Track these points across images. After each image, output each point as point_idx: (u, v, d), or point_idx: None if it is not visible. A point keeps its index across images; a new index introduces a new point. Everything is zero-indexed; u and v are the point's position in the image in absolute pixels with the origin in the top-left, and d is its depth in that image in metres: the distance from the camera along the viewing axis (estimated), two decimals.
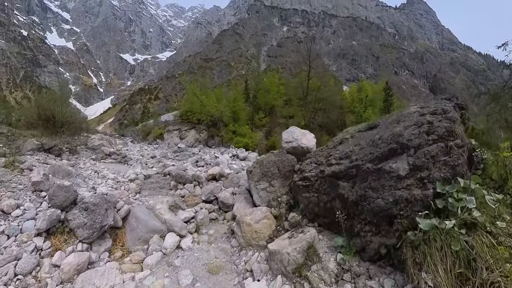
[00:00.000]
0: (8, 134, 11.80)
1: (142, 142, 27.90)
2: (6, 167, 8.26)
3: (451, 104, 3.76)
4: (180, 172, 6.90)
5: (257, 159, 5.53)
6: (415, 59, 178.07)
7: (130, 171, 8.32)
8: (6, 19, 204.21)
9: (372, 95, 33.26)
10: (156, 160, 11.52)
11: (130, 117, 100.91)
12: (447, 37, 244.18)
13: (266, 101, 30.37)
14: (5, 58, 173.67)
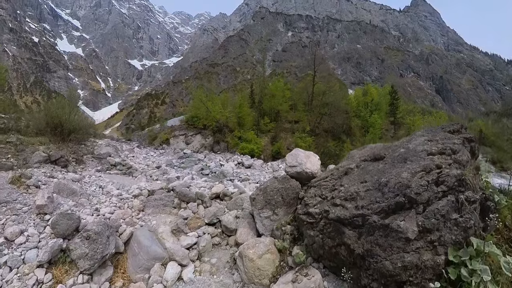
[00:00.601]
0: (16, 143, 11.83)
1: (149, 147, 27.94)
2: (12, 183, 8.30)
3: (459, 140, 3.53)
4: (184, 189, 6.74)
5: (260, 186, 5.30)
6: (421, 61, 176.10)
7: (134, 186, 8.21)
8: (18, 27, 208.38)
9: (377, 99, 32.87)
10: (161, 171, 11.39)
11: (137, 121, 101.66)
12: (453, 38, 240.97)
13: (271, 106, 30.20)
14: (16, 64, 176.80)
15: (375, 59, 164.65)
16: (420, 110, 62.18)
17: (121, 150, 18.64)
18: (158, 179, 9.98)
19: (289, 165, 5.09)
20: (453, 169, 3.03)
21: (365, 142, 23.95)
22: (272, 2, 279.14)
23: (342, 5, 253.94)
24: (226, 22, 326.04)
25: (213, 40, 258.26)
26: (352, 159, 4.51)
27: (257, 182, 11.23)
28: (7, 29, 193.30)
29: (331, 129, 27.00)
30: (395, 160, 3.60)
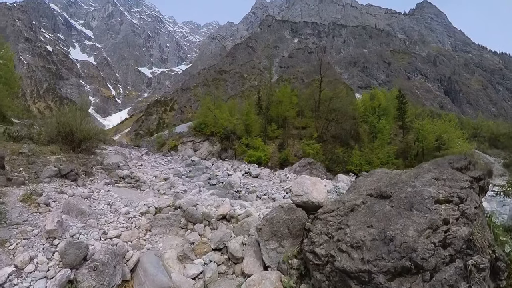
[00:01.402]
0: (28, 154, 11.98)
1: (157, 154, 28.05)
2: (23, 201, 8.37)
3: (467, 183, 3.33)
4: (191, 209, 6.61)
5: (266, 215, 5.09)
6: (428, 63, 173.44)
7: (141, 202, 8.13)
8: (33, 36, 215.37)
9: (385, 104, 32.29)
10: (169, 184, 11.27)
11: (145, 127, 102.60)
12: (460, 39, 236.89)
13: (278, 113, 30.03)
14: (30, 71, 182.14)
15: (382, 63, 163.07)
16: (429, 112, 60.92)
17: (129, 159, 18.71)
18: (165, 193, 9.89)
19: (295, 194, 4.91)
20: (460, 226, 2.86)
21: (374, 149, 23.46)
22: (278, 11, 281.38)
23: (347, 11, 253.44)
24: (234, 31, 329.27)
25: (221, 48, 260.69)
26: (358, 191, 4.29)
27: (264, 194, 11.07)
28: (22, 39, 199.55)
29: (339, 135, 26.64)
30: (401, 204, 3.42)
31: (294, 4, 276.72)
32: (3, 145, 12.48)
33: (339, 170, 20.06)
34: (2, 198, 8.24)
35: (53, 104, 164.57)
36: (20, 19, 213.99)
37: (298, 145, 25.64)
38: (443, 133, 27.21)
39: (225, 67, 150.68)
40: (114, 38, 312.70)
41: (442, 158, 4.14)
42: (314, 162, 17.15)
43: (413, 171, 4.08)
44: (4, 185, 9.09)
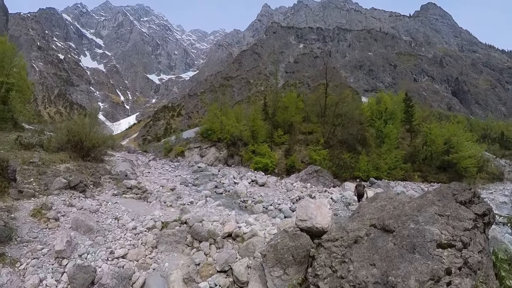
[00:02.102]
0: (39, 163, 11.99)
1: (164, 159, 28.07)
2: (34, 216, 8.44)
3: (470, 222, 3.16)
4: (197, 226, 6.52)
5: (270, 242, 4.94)
6: (434, 64, 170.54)
7: (148, 216, 8.07)
8: (45, 45, 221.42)
9: (391, 107, 31.68)
10: (175, 195, 11.20)
11: (153, 132, 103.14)
12: (466, 39, 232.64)
13: (284, 118, 29.79)
14: (42, 78, 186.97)
15: (388, 65, 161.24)
16: (437, 114, 59.73)
17: (137, 166, 18.77)
18: (172, 205, 9.81)
19: (300, 219, 4.76)
20: (463, 278, 2.72)
21: (381, 154, 23.01)
22: (283, 17, 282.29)
23: (351, 16, 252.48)
24: (240, 38, 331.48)
25: (227, 55, 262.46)
26: (361, 219, 4.11)
27: (270, 204, 10.90)
28: (35, 47, 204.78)
29: (345, 140, 26.25)
30: (404, 243, 3.27)
31: (299, 10, 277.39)
32: (15, 154, 12.63)
33: (347, 176, 19.72)
34: (14, 213, 8.32)
35: (63, 109, 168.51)
36: (33, 29, 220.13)
37: (304, 150, 25.35)
38: (451, 136, 26.54)
39: (232, 73, 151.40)
40: (124, 46, 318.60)
41: (447, 187, 3.94)
42: (321, 170, 16.86)
43: (417, 202, 3.88)
44: (15, 198, 9.20)
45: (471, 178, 24.20)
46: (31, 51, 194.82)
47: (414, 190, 18.68)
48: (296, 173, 19.53)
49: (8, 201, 8.86)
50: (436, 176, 24.31)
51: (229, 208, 10.26)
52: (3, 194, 9.02)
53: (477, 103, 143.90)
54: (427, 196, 3.93)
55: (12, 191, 9.14)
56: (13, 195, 9.08)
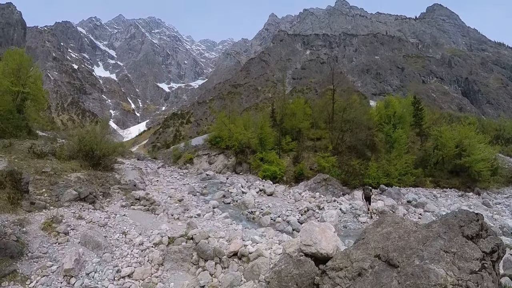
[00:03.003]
0: (50, 173, 12.16)
1: (173, 166, 28.11)
2: (44, 229, 8.55)
3: (478, 264, 2.94)
4: (203, 243, 6.38)
5: (274, 268, 4.71)
6: (443, 65, 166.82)
7: (155, 231, 7.97)
8: (60, 56, 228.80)
9: (400, 111, 30.83)
10: (183, 207, 11.06)
11: (162, 139, 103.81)
12: (475, 37, 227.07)
13: (292, 124, 29.47)
14: (56, 87, 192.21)
15: (395, 68, 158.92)
16: (447, 116, 58.15)
17: (145, 174, 18.84)
18: (179, 218, 9.69)
19: (304, 244, 4.53)
20: None
21: (391, 160, 22.32)
22: (290, 25, 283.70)
23: (357, 21, 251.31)
24: (248, 46, 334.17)
25: (235, 63, 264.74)
26: (366, 247, 3.88)
27: (278, 215, 10.63)
28: (51, 58, 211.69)
29: (354, 146, 25.66)
30: (407, 283, 3.04)
31: (305, 18, 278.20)
32: (28, 163, 12.87)
33: (356, 184, 19.16)
34: (25, 227, 8.43)
35: (76, 116, 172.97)
36: (49, 41, 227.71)
37: (313, 157, 24.92)
38: (463, 139, 25.56)
39: (240, 81, 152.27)
40: (135, 57, 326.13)
41: (453, 216, 3.65)
42: (330, 178, 16.45)
43: (422, 233, 3.61)
44: (27, 210, 9.38)
45: (484, 182, 23.13)
46: (46, 62, 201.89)
47: (426, 197, 17.99)
48: (305, 181, 19.13)
49: (21, 213, 9.04)
50: (449, 181, 23.32)
51: (236, 220, 10.05)
52: (16, 207, 9.24)
53: (489, 102, 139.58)
54: (433, 226, 3.66)
55: (25, 203, 9.36)
56: (25, 207, 9.30)
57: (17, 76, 21.46)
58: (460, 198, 18.88)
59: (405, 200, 16.43)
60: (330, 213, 10.46)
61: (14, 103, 20.55)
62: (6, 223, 7.91)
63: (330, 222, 9.89)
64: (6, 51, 23.97)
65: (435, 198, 18.43)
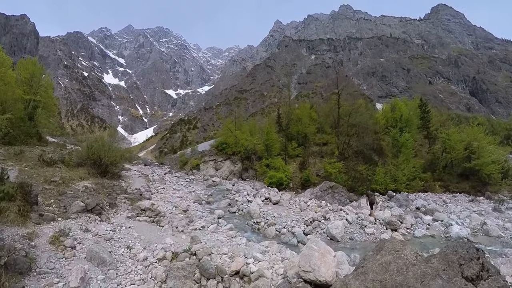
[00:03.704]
0: (59, 182, 12.33)
1: (180, 172, 28.15)
2: (52, 243, 8.62)
3: None
4: (205, 260, 6.31)
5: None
6: (449, 65, 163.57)
7: (159, 245, 7.92)
8: (71, 64, 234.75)
9: (406, 114, 30.22)
10: (187, 220, 10.93)
11: (169, 145, 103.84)
12: (481, 36, 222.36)
13: (298, 130, 29.19)
14: (66, 93, 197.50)
15: (401, 70, 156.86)
16: (455, 117, 56.76)
17: (152, 181, 18.89)
18: (183, 230, 9.59)
19: (303, 270, 4.36)
20: None
21: (398, 164, 21.80)
22: (294, 31, 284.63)
23: (361, 25, 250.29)
24: (253, 53, 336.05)
25: (241, 69, 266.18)
26: (364, 278, 3.64)
27: (284, 226, 10.43)
28: (62, 66, 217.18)
29: (361, 151, 25.17)
30: None
31: (309, 24, 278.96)
32: (38, 172, 13.05)
33: (363, 190, 18.71)
34: (34, 240, 8.51)
35: (85, 122, 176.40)
36: (61, 50, 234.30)
37: (319, 163, 24.56)
38: (472, 141, 24.79)
39: (246, 87, 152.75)
40: (144, 65, 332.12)
41: (453, 251, 3.41)
42: (336, 186, 16.11)
43: (421, 268, 3.39)
44: (36, 223, 9.48)
45: (495, 185, 22.26)
46: (58, 69, 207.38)
47: (435, 203, 17.42)
48: (311, 188, 18.81)
49: (30, 226, 9.17)
50: (458, 185, 22.53)
51: (241, 231, 9.89)
52: (25, 219, 9.36)
53: (498, 101, 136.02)
54: (432, 261, 3.45)
55: (34, 215, 9.50)
56: (34, 219, 9.43)
57: (29, 84, 21.98)
58: (470, 204, 18.20)
59: (413, 206, 15.94)
60: (336, 224, 10.19)
61: (25, 111, 21.01)
62: (16, 237, 8.02)
63: (336, 233, 9.73)
64: (19, 60, 24.57)
65: (445, 203, 17.83)
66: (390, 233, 10.37)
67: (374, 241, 9.80)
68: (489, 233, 11.28)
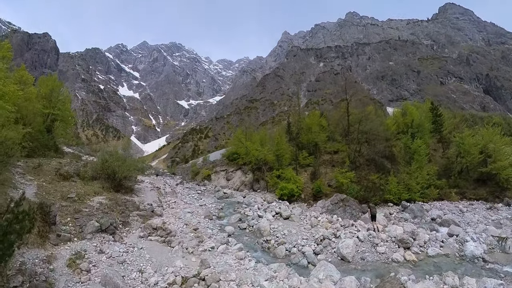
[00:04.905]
0: (75, 198, 12.75)
1: (191, 182, 28.26)
2: (69, 266, 8.88)
3: None
4: (213, 287, 6.11)
5: None
6: (461, 64, 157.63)
7: (170, 269, 7.89)
8: (88, 77, 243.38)
9: (418, 119, 29.23)
10: (197, 240, 10.78)
11: (181, 154, 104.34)
12: (492, 31, 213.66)
13: (309, 139, 28.75)
14: (83, 105, 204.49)
15: (411, 72, 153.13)
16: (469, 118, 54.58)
17: (164, 195, 19.02)
18: (193, 252, 9.52)
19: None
20: None
21: (411, 172, 20.95)
22: (302, 41, 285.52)
23: (368, 30, 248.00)
24: (263, 63, 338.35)
25: (251, 79, 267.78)
26: None
27: (294, 245, 10.17)
28: (80, 80, 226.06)
29: (372, 159, 24.40)
30: None
31: (317, 33, 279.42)
32: (55, 187, 13.47)
33: (376, 200, 18.05)
34: (52, 263, 8.76)
35: (100, 132, 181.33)
36: (79, 65, 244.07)
37: (330, 172, 24.03)
38: (487, 144, 23.52)
39: (256, 96, 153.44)
40: (157, 77, 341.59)
41: None
42: (347, 199, 15.63)
43: None
44: (54, 244, 9.74)
45: None
46: (75, 83, 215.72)
47: (451, 213, 16.55)
48: (323, 200, 18.31)
49: (48, 247, 9.47)
50: (475, 191, 21.32)
51: (251, 250, 9.71)
52: (44, 241, 9.68)
53: None
54: None
55: (52, 236, 9.79)
56: (52, 240, 9.75)
57: (48, 99, 23.02)
58: (488, 212, 17.14)
59: (428, 217, 15.20)
60: (347, 243, 9.79)
61: (44, 124, 21.89)
62: (36, 261, 8.30)
63: (346, 253, 9.34)
64: (40, 77, 25.76)
65: (461, 213, 16.90)
66: (403, 252, 9.88)
67: (386, 261, 9.44)
68: (507, 249, 10.48)
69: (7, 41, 18.28)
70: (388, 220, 14.69)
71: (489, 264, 9.24)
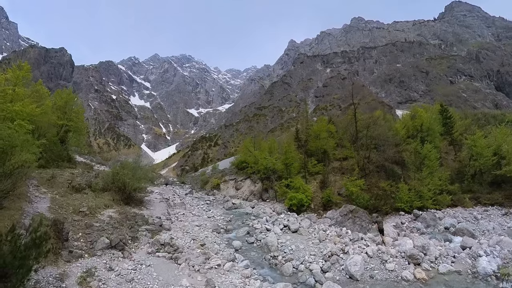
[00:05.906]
0: (86, 212, 12.90)
1: (200, 192, 28.21)
2: (80, 284, 8.97)
3: None
4: None
5: None
6: (470, 61, 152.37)
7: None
8: (101, 88, 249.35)
9: (427, 122, 28.34)
10: (204, 257, 10.64)
11: (191, 162, 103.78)
12: (501, 26, 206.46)
13: (317, 146, 28.31)
14: (95, 114, 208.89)
15: (419, 73, 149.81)
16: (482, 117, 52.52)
17: (172, 206, 19.02)
18: (199, 270, 9.38)
19: None
20: None
21: (422, 179, 20.18)
22: (308, 48, 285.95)
23: (374, 34, 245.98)
24: (270, 71, 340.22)
25: (259, 87, 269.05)
26: None
27: (301, 262, 9.85)
28: (93, 90, 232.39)
29: (382, 165, 23.67)
30: None
31: (323, 39, 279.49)
32: (67, 200, 13.66)
33: (387, 209, 17.39)
34: (65, 281, 8.89)
35: (111, 140, 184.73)
36: (93, 76, 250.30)
37: (340, 180, 23.45)
38: (500, 145, 22.43)
39: (264, 103, 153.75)
40: (168, 88, 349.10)
41: None
42: (356, 210, 15.11)
43: None
44: (66, 261, 9.88)
45: None
46: (89, 93, 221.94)
47: (466, 220, 15.78)
48: (333, 210, 17.80)
49: (60, 265, 9.48)
50: (490, 196, 20.23)
51: (258, 266, 9.49)
52: (57, 257, 9.85)
53: None
54: None
55: (64, 253, 9.82)
56: (64, 257, 9.91)
57: (63, 111, 23.68)
58: (504, 218, 16.23)
59: (442, 226, 14.50)
60: (355, 259, 9.40)
61: (58, 135, 22.39)
62: (50, 279, 8.46)
63: (355, 271, 8.96)
64: (56, 90, 26.57)
65: (476, 220, 16.09)
66: (413, 269, 9.41)
67: (396, 280, 8.99)
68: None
69: (26, 62, 19.03)
70: (399, 230, 14.11)
71: (503, 283, 8.61)
